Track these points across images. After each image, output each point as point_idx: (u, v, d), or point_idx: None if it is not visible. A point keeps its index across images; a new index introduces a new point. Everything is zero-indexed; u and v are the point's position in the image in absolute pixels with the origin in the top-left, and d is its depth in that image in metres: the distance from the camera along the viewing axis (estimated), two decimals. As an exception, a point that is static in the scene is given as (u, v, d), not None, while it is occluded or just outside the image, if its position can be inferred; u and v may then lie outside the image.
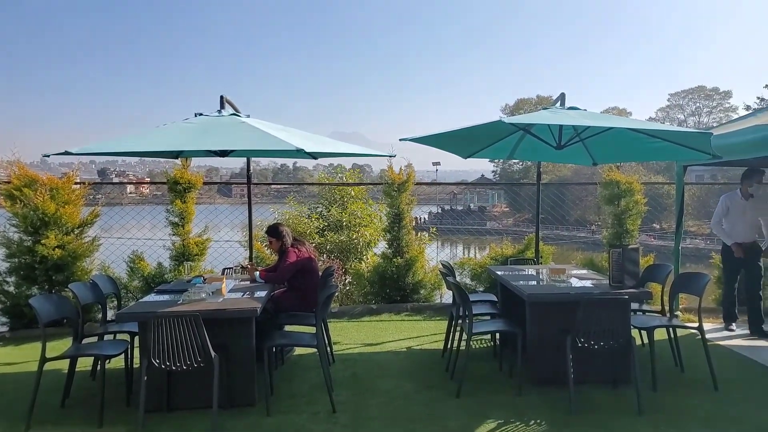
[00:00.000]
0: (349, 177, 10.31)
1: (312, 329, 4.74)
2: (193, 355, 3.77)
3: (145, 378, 3.82)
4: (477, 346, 5.77)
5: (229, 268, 5.98)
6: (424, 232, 10.01)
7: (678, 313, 6.88)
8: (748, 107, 58.19)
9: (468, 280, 7.65)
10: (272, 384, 4.36)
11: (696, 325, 4.77)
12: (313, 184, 10.11)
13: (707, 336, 4.83)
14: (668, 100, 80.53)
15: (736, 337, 6.17)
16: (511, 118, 4.33)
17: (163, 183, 7.31)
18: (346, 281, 8.55)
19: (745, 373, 5.02)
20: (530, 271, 5.59)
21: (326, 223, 9.62)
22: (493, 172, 66.21)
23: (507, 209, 56.41)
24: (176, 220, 7.11)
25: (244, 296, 4.52)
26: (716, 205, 6.54)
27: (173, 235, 7.15)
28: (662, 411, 4.13)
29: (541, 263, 6.97)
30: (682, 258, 7.12)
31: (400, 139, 4.71)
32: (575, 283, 4.85)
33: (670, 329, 4.99)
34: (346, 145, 4.86)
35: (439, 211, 53.92)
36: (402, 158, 7.09)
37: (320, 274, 5.38)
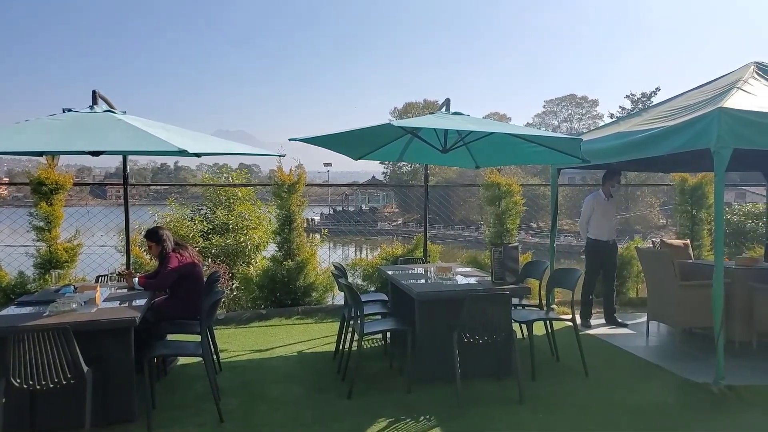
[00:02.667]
0: (236, 177, 9.94)
1: (197, 338, 4.52)
2: (62, 371, 3.45)
3: (3, 400, 3.42)
4: (368, 346, 5.81)
5: (104, 276, 5.54)
6: (316, 234, 9.92)
7: (554, 306, 7.40)
8: (612, 115, 64.15)
9: (360, 281, 7.69)
10: (154, 397, 4.10)
11: (569, 317, 5.15)
12: (196, 185, 9.64)
13: (579, 327, 5.24)
14: (543, 106, 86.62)
15: (602, 326, 6.74)
16: (400, 121, 4.41)
17: (25, 184, 6.62)
18: (234, 286, 8.25)
19: (610, 359, 5.48)
20: (419, 270, 5.72)
21: (211, 226, 9.20)
22: (383, 173, 67.40)
23: (397, 210, 57.64)
24: (41, 224, 6.47)
25: (121, 305, 4.20)
26: (589, 192, 7.09)
27: (38, 240, 6.50)
28: (541, 399, 4.40)
29: (429, 262, 7.18)
30: (557, 254, 7.67)
31: (290, 139, 4.61)
32: (461, 280, 5.04)
33: (547, 322, 5.33)
34: (233, 144, 4.67)
35: (331, 212, 53.89)
36: (292, 159, 6.99)
37: (205, 279, 5.14)
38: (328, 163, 65.25)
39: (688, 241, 8.00)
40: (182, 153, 3.60)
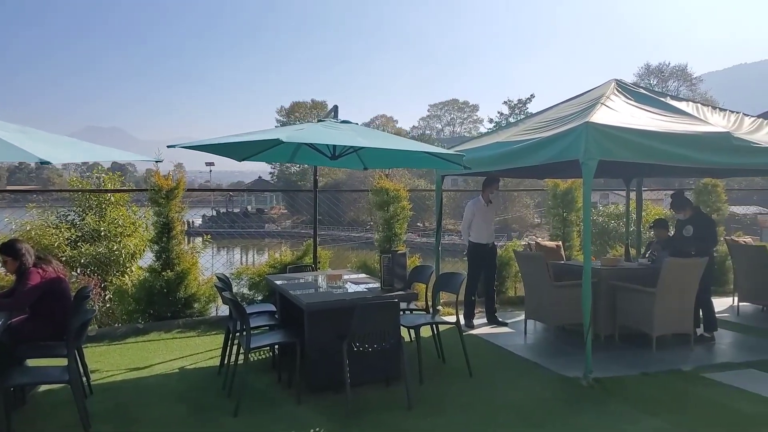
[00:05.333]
0: (108, 181, 9.17)
1: (63, 361, 4.10)
2: None
3: None
4: (255, 358, 5.62)
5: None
6: (198, 238, 9.46)
7: (440, 307, 7.64)
8: (491, 120, 67.85)
9: (246, 290, 7.40)
10: (11, 430, 3.66)
11: (454, 320, 5.33)
12: (62, 190, 8.77)
13: (463, 327, 5.43)
14: (428, 110, 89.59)
15: (484, 326, 7.06)
16: (290, 134, 4.28)
17: None
18: (107, 297, 7.63)
19: (493, 358, 5.75)
20: (308, 278, 5.63)
21: (80, 234, 8.45)
22: (270, 173, 66.00)
23: (285, 211, 56.79)
24: None
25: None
26: (469, 200, 7.40)
27: None
28: (428, 402, 4.50)
29: (319, 269, 7.10)
30: (443, 252, 7.94)
31: (168, 146, 4.34)
32: (351, 288, 5.03)
33: (434, 325, 5.47)
34: (105, 150, 4.26)
35: (214, 214, 51.87)
36: (170, 162, 6.58)
37: (73, 295, 4.69)
38: (211, 163, 62.71)
39: (560, 242, 8.61)
40: (45, 163, 3.23)
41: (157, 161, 4.61)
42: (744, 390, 4.72)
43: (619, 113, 5.31)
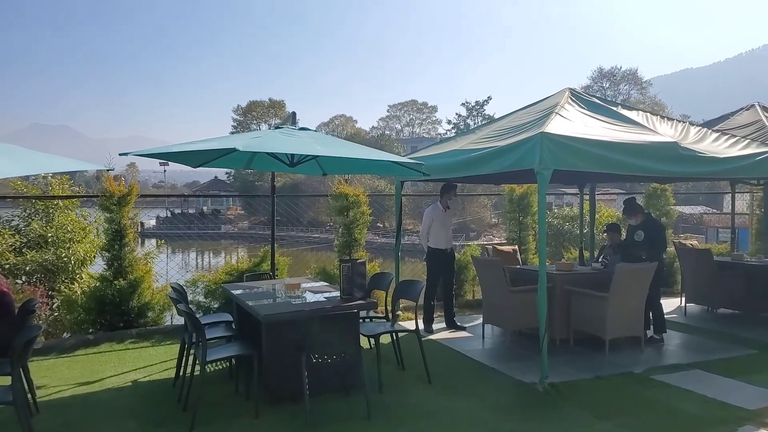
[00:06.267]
0: (57, 185, 8.77)
1: (6, 379, 3.91)
2: None
3: None
4: (212, 369, 5.49)
5: None
6: (152, 239, 9.20)
7: (399, 311, 7.65)
8: (449, 121, 68.59)
9: (202, 298, 7.23)
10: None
11: (413, 326, 5.34)
12: (5, 197, 8.38)
13: (422, 332, 5.45)
14: (387, 111, 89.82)
15: (443, 330, 7.12)
16: (247, 143, 4.20)
17: None
18: (54, 305, 7.33)
19: (451, 364, 5.80)
20: (266, 287, 5.55)
21: (25, 239, 8.08)
22: (227, 173, 64.82)
23: (242, 212, 55.88)
24: None
25: None
26: (428, 206, 7.45)
27: None
28: (388, 412, 4.49)
29: (277, 276, 7.01)
30: (403, 253, 7.95)
31: (120, 154, 4.22)
32: (310, 297, 4.98)
33: (393, 333, 5.48)
34: (50, 159, 4.05)
35: (169, 215, 50.63)
36: (123, 164, 6.36)
37: (17, 309, 4.48)
38: (165, 162, 61.12)
39: (517, 246, 8.77)
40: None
41: (108, 170, 4.45)
42: (691, 391, 4.90)
43: (573, 123, 5.43)
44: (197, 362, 4.38)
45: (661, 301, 6.71)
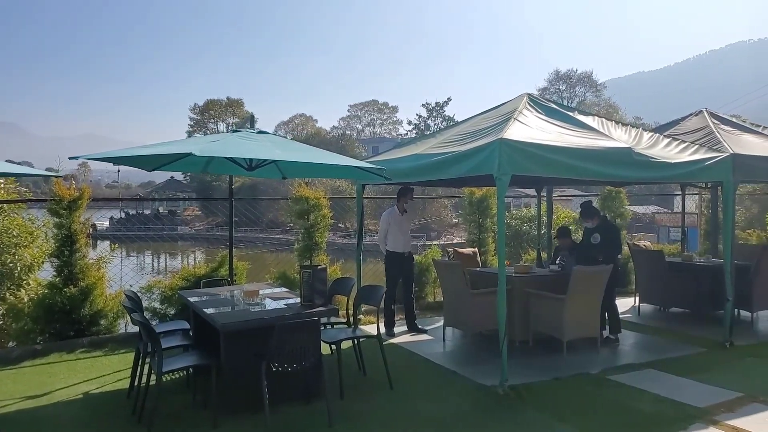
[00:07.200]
0: (1, 187, 8.36)
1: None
2: None
3: None
4: (168, 379, 5.34)
5: None
6: (105, 242, 8.89)
7: (361, 315, 7.62)
8: (410, 122, 68.97)
9: (158, 304, 7.02)
10: None
11: (375, 332, 5.32)
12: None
13: (384, 337, 5.43)
14: (348, 110, 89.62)
15: (405, 333, 7.13)
16: (204, 147, 4.10)
17: None
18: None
19: (413, 368, 5.80)
20: (224, 294, 5.43)
21: (-34, 245, 7.68)
22: (184, 174, 63.43)
23: (199, 212, 54.78)
24: None
25: None
26: (389, 206, 7.43)
27: None
28: (349, 418, 4.46)
29: (236, 282, 6.87)
30: (365, 253, 7.91)
31: (71, 158, 4.04)
32: (269, 305, 4.90)
33: (355, 339, 5.44)
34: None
35: (123, 216, 49.23)
36: (73, 165, 6.11)
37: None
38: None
39: (477, 248, 8.86)
40: None
41: (56, 176, 4.27)
42: (645, 391, 5.04)
43: (531, 128, 5.51)
44: (153, 372, 4.25)
45: (616, 302, 6.88)
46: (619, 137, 6.03)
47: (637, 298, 8.53)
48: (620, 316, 6.94)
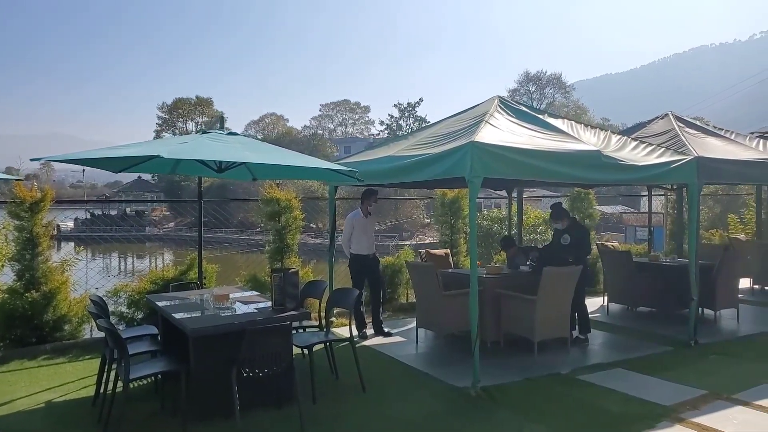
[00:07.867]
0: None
1: None
2: None
3: None
4: (136, 385, 5.20)
5: None
6: (70, 243, 8.66)
7: (333, 318, 7.56)
8: (382, 122, 69.04)
9: (125, 308, 6.84)
10: None
11: (347, 334, 5.29)
12: None
13: (356, 339, 5.40)
14: (320, 110, 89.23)
15: (377, 336, 7.10)
16: (172, 148, 4.01)
17: None
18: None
19: (385, 371, 5.79)
20: (194, 298, 5.33)
21: None
22: (152, 174, 62.26)
23: (168, 213, 53.82)
24: None
25: None
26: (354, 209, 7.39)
27: None
28: (322, 422, 4.43)
29: (205, 285, 6.76)
30: (337, 254, 7.86)
31: (32, 159, 3.91)
32: (240, 309, 4.82)
33: (327, 343, 5.40)
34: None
35: (89, 216, 48.07)
36: (36, 164, 5.91)
37: None
38: (86, 161, 57.88)
39: (449, 250, 8.90)
40: None
41: (16, 179, 4.13)
42: (613, 390, 5.12)
43: (502, 131, 5.55)
44: (119, 378, 4.14)
45: (586, 302, 6.98)
46: (588, 140, 6.12)
47: (606, 298, 8.68)
48: (590, 315, 7.05)
